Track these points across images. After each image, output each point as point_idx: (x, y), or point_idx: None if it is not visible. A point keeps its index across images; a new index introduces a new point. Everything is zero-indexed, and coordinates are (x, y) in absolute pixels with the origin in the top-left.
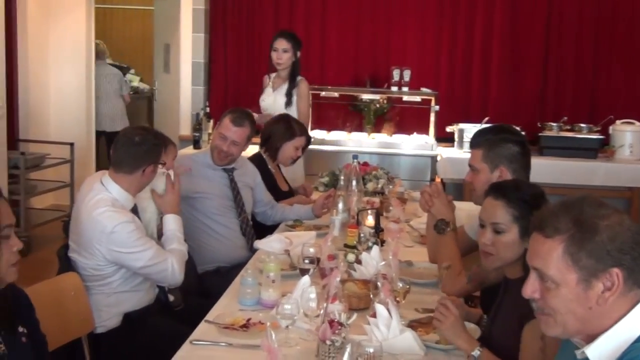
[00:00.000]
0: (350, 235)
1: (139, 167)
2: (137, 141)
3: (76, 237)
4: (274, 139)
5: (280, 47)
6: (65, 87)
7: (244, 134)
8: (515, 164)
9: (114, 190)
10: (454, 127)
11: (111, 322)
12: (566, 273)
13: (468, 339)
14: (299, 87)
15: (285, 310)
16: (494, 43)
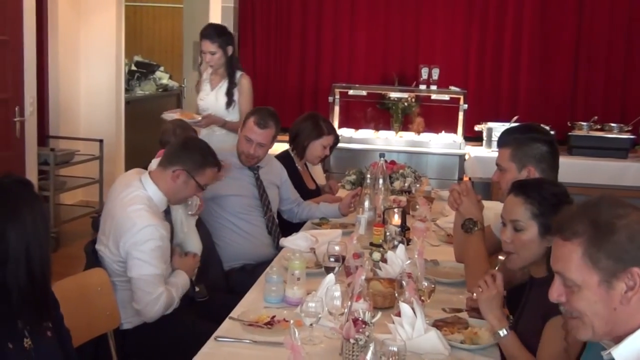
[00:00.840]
0: (376, 233)
1: (171, 164)
2: (182, 140)
3: (107, 231)
4: (302, 137)
5: (206, 49)
6: (95, 84)
7: (270, 135)
8: (543, 163)
9: (150, 188)
10: (483, 126)
11: (138, 318)
12: (587, 275)
13: (500, 316)
14: (240, 84)
15: (310, 308)
16: (523, 41)
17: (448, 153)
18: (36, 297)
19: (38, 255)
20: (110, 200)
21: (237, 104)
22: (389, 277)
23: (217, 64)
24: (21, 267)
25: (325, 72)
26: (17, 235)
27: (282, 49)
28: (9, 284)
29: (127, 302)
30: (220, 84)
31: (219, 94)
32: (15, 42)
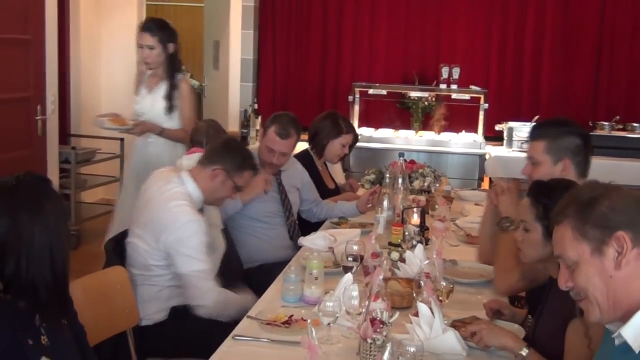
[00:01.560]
0: (395, 233)
1: (211, 162)
2: (224, 140)
3: (142, 224)
4: (321, 135)
5: (145, 43)
6: (116, 83)
7: (292, 144)
8: (579, 156)
9: (189, 185)
10: (504, 125)
11: (159, 315)
12: (579, 249)
13: (512, 337)
14: (179, 88)
15: (328, 307)
16: (545, 40)
17: (468, 153)
18: (59, 293)
19: (61, 251)
20: (145, 195)
21: (177, 110)
22: (407, 276)
23: (155, 62)
24: (46, 264)
25: (346, 71)
26: (41, 231)
27: (302, 48)
28: (37, 281)
29: (150, 299)
30: (158, 86)
31: (156, 97)
32: (37, 41)
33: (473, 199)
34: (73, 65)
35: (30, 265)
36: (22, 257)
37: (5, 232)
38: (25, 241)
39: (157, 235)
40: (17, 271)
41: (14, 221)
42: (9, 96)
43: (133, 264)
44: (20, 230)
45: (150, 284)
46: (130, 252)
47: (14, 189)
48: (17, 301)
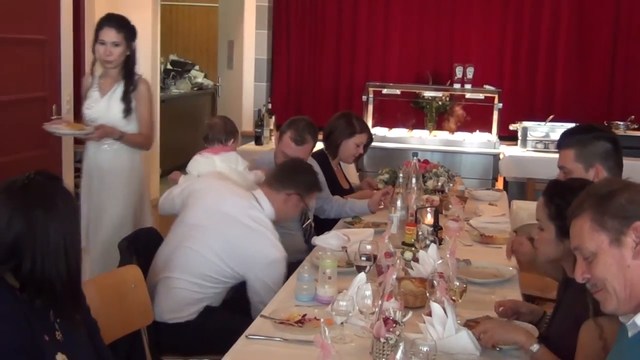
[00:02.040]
0: (409, 233)
1: (284, 187)
2: (293, 163)
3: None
4: (334, 135)
5: (109, 39)
6: None
7: (307, 150)
8: (610, 161)
9: (265, 205)
10: (518, 125)
11: (191, 316)
12: (598, 239)
13: (524, 332)
14: (138, 90)
15: (341, 306)
16: (559, 39)
17: (482, 152)
18: (73, 289)
19: (74, 248)
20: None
21: (134, 113)
22: (420, 276)
23: (117, 61)
24: (61, 260)
25: (360, 71)
26: (56, 228)
27: (316, 48)
28: (53, 278)
29: (191, 302)
30: (113, 88)
31: (113, 100)
32: (52, 41)
33: (487, 199)
34: (88, 65)
35: (45, 262)
36: (37, 255)
37: (20, 230)
38: (40, 239)
39: (239, 262)
40: (33, 269)
41: (28, 219)
42: (25, 96)
43: (182, 269)
44: (35, 228)
45: (196, 291)
46: (186, 258)
47: (26, 187)
48: (34, 298)
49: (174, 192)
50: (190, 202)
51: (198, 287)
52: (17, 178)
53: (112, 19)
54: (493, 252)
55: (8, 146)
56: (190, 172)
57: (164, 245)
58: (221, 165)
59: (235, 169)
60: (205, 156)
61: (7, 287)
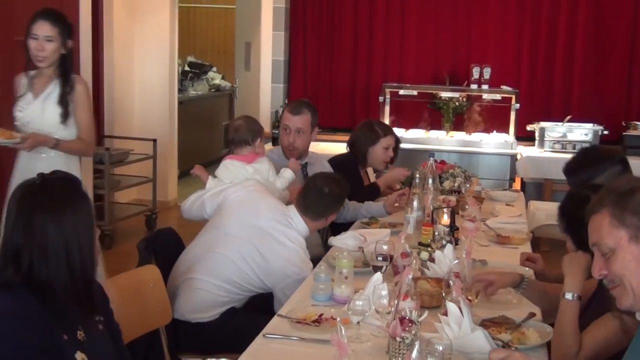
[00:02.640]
0: (425, 233)
1: (324, 215)
2: (326, 193)
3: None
4: (360, 145)
5: (42, 33)
6: (149, 84)
7: (306, 121)
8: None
9: (301, 228)
10: (535, 125)
11: (214, 317)
12: (617, 235)
13: (577, 280)
14: (76, 91)
15: (357, 306)
16: (577, 39)
17: (499, 153)
18: (77, 294)
19: (77, 254)
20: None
21: (72, 117)
22: (436, 276)
23: (50, 58)
24: (61, 264)
25: (376, 71)
26: (56, 232)
27: (332, 49)
28: (52, 281)
29: (215, 304)
30: (47, 89)
31: (48, 103)
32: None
33: (504, 200)
34: (107, 67)
35: (42, 264)
36: (34, 256)
37: (19, 230)
38: (38, 240)
39: (269, 275)
40: (31, 270)
41: (29, 220)
42: None
43: (210, 273)
44: (33, 228)
45: (222, 295)
46: (217, 263)
47: (36, 188)
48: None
49: (205, 197)
50: (226, 211)
51: (224, 291)
52: (33, 179)
53: (48, 12)
54: (509, 252)
55: None
56: (220, 178)
57: (192, 247)
58: (253, 176)
59: (267, 179)
60: (237, 165)
61: (25, 287)
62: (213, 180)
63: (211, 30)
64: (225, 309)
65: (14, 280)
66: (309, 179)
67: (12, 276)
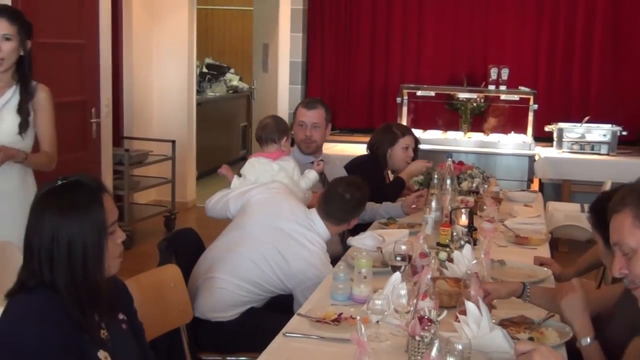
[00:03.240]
0: (443, 233)
1: (346, 221)
2: (347, 199)
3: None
4: (380, 148)
5: (0, 32)
6: (168, 86)
7: (320, 115)
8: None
9: (322, 232)
10: (553, 126)
11: (234, 316)
12: (639, 236)
13: (584, 323)
14: (37, 98)
15: (376, 305)
16: (594, 39)
17: (517, 154)
18: (80, 298)
19: (80, 258)
20: (277, 223)
21: (31, 127)
22: (455, 276)
23: (8, 60)
24: (62, 267)
25: (394, 72)
26: (61, 234)
27: (350, 51)
28: (54, 282)
29: (236, 304)
30: (4, 96)
31: (5, 111)
32: (91, 45)
33: (522, 200)
34: (126, 69)
35: (46, 265)
36: (41, 257)
37: (31, 230)
38: (44, 241)
39: (290, 277)
40: (40, 271)
41: (39, 220)
42: (65, 100)
43: (231, 273)
44: (41, 229)
45: (242, 294)
46: (238, 263)
47: (52, 190)
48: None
49: (229, 196)
50: (249, 211)
51: (245, 291)
52: (53, 181)
53: (5, 9)
54: (528, 253)
55: None
56: (245, 175)
57: (214, 247)
58: (279, 174)
59: (291, 177)
60: (263, 162)
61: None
62: (238, 180)
63: (229, 32)
64: (245, 309)
65: (30, 280)
66: (329, 185)
67: (28, 276)
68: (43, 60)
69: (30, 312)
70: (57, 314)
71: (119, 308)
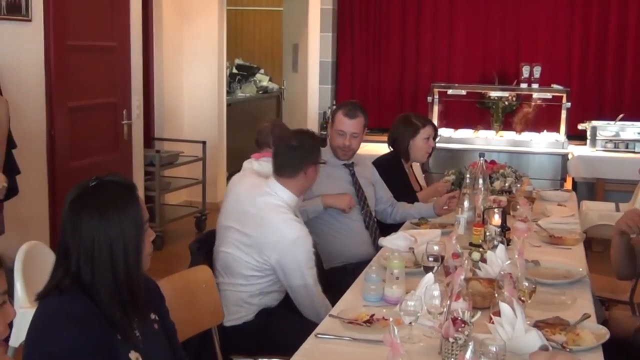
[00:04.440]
0: (476, 233)
1: (301, 169)
2: (294, 145)
3: (244, 237)
4: (400, 140)
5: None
6: (198, 87)
7: (360, 124)
8: None
9: (283, 194)
10: (586, 124)
11: (246, 317)
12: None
13: None
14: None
15: (409, 307)
16: (628, 36)
17: (550, 152)
18: (120, 298)
19: (121, 257)
20: (237, 206)
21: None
22: (488, 277)
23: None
24: (105, 267)
25: (424, 71)
26: (102, 234)
27: (380, 50)
28: (96, 282)
29: (240, 303)
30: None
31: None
32: (123, 47)
33: (555, 200)
34: (156, 70)
35: (87, 266)
36: (81, 259)
37: (68, 231)
38: (84, 241)
39: (263, 251)
40: (78, 272)
41: (77, 220)
42: (97, 101)
43: (225, 273)
44: (80, 232)
45: (242, 291)
46: (225, 262)
47: (88, 189)
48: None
49: None
50: (221, 210)
51: (241, 286)
52: (86, 181)
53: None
54: (562, 252)
55: (82, 150)
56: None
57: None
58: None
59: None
60: (247, 161)
61: (77, 289)
62: None
63: (258, 33)
64: (255, 308)
65: (64, 281)
66: (276, 141)
67: (62, 277)
68: (76, 62)
69: (61, 314)
70: (88, 315)
71: (151, 308)
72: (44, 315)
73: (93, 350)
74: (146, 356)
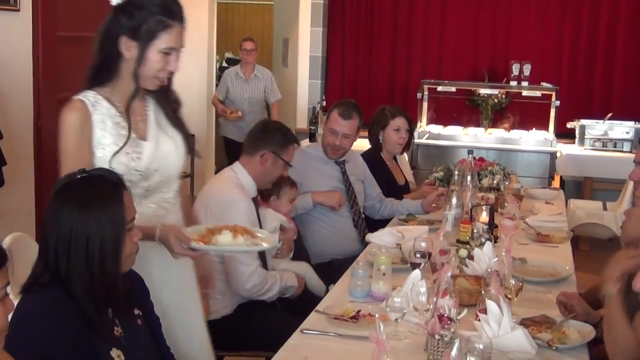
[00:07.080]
0: (463, 230)
1: (257, 149)
2: (259, 126)
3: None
4: (373, 129)
5: None
6: (187, 81)
7: (354, 126)
8: None
9: (240, 172)
10: (575, 123)
11: (225, 310)
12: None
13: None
14: None
15: (395, 303)
16: (618, 35)
17: (539, 150)
18: (96, 293)
19: (98, 254)
20: (204, 191)
21: None
22: (475, 274)
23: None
24: (80, 261)
25: (415, 68)
26: (79, 227)
27: (371, 46)
28: (71, 275)
29: (217, 294)
30: None
31: None
32: None
33: (543, 198)
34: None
35: (63, 258)
36: (58, 249)
37: (49, 222)
38: (62, 232)
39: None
40: (56, 262)
41: (57, 212)
42: None
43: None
44: (60, 220)
45: (217, 279)
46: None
47: (72, 182)
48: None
49: None
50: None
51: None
52: (75, 173)
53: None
54: (549, 250)
55: None
56: None
57: None
58: None
59: None
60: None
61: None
62: None
63: (249, 27)
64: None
65: (44, 276)
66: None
67: (42, 271)
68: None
69: (40, 310)
70: (68, 312)
71: (134, 303)
72: (23, 312)
73: (72, 348)
74: (129, 353)
